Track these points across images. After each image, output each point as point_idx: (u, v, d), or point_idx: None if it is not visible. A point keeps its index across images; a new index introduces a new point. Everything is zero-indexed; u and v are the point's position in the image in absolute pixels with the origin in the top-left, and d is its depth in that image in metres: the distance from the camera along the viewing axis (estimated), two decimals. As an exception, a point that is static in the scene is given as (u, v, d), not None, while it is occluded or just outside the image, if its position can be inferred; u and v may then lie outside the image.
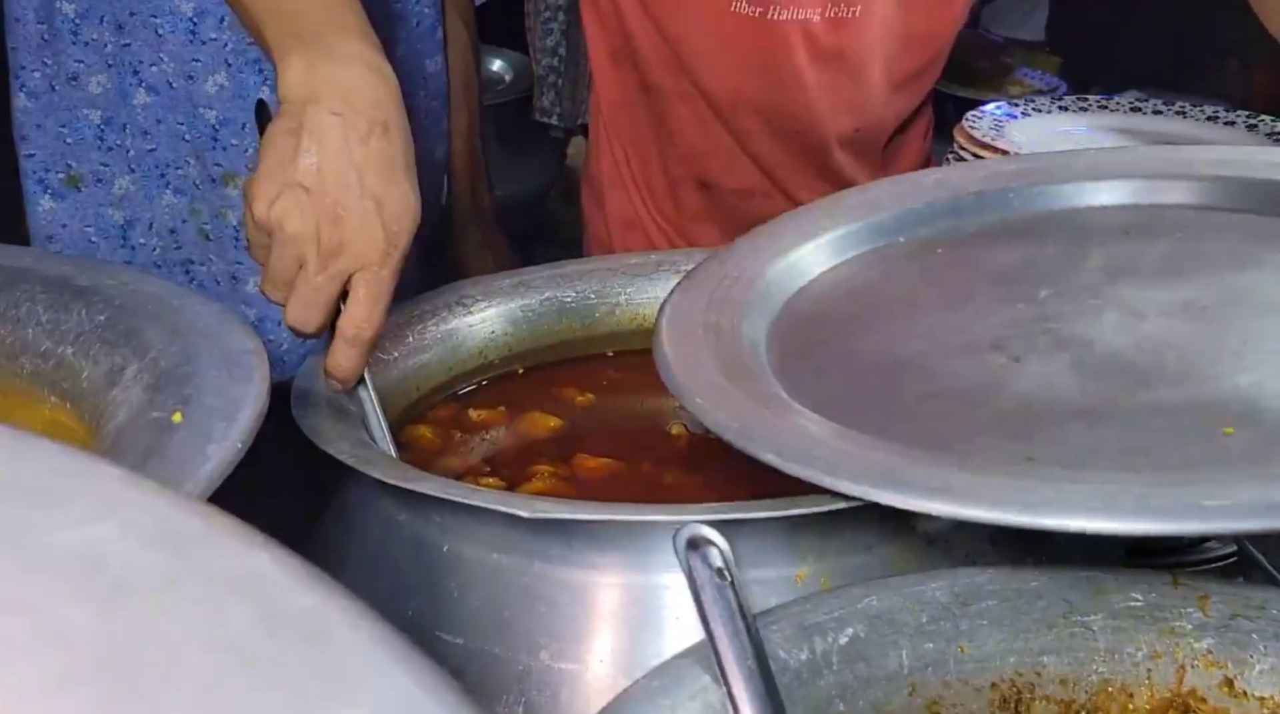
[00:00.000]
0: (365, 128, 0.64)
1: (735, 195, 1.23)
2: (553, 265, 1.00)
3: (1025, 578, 0.56)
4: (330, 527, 0.73)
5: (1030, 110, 1.14)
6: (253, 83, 0.97)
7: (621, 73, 1.20)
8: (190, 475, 0.45)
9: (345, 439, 0.66)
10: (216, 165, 0.99)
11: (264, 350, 0.59)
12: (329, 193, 0.63)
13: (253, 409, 0.51)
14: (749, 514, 0.55)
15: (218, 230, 1.01)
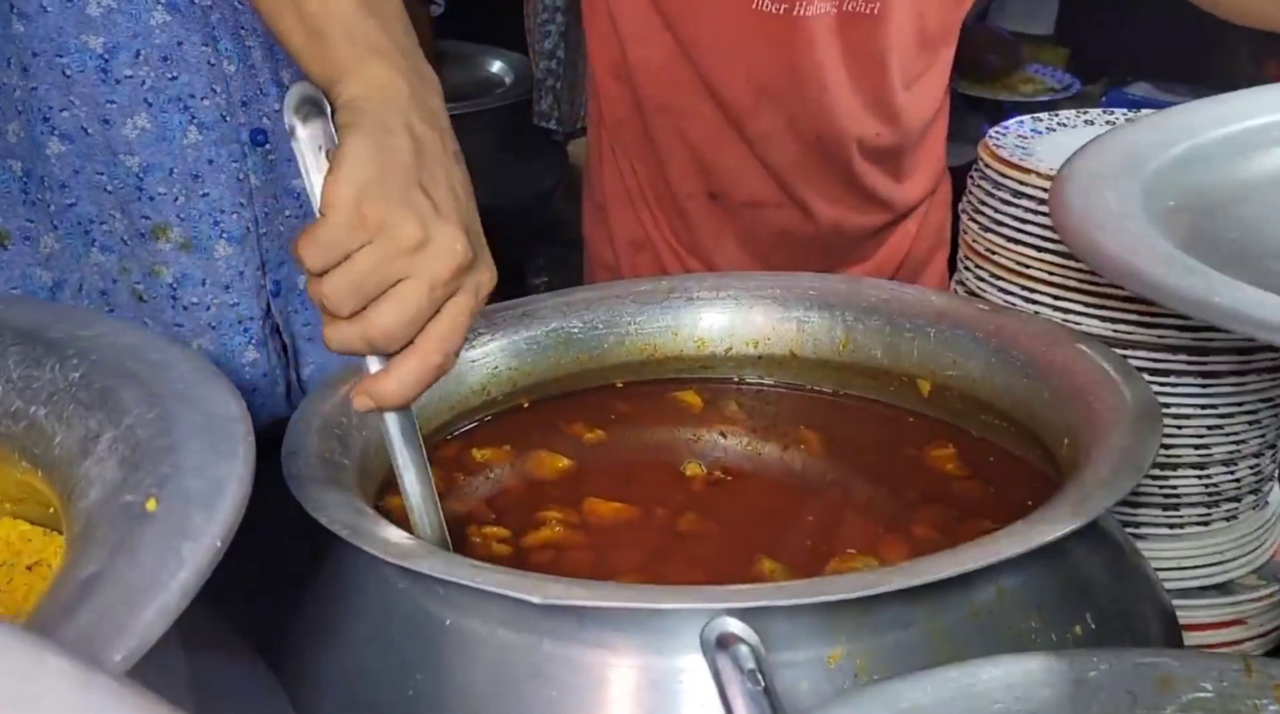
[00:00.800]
0: (450, 146, 0.62)
1: (747, 208, 1.18)
2: (558, 293, 0.95)
3: (1083, 666, 0.51)
4: (324, 589, 0.69)
5: (1055, 125, 1.09)
6: (178, 122, 0.87)
7: (624, 89, 1.15)
8: (162, 585, 0.40)
9: (340, 503, 0.62)
10: (144, 218, 0.89)
11: (248, 416, 0.54)
12: (462, 207, 0.60)
13: (235, 495, 0.46)
14: (782, 600, 0.50)
15: (152, 290, 0.91)
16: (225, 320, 0.92)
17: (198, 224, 0.89)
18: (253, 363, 0.94)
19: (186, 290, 0.91)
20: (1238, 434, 0.93)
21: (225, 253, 0.91)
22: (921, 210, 1.24)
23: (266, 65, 0.89)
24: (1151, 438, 0.64)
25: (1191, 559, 0.95)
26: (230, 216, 0.90)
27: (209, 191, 0.88)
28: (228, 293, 0.92)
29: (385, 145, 0.58)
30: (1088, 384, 0.73)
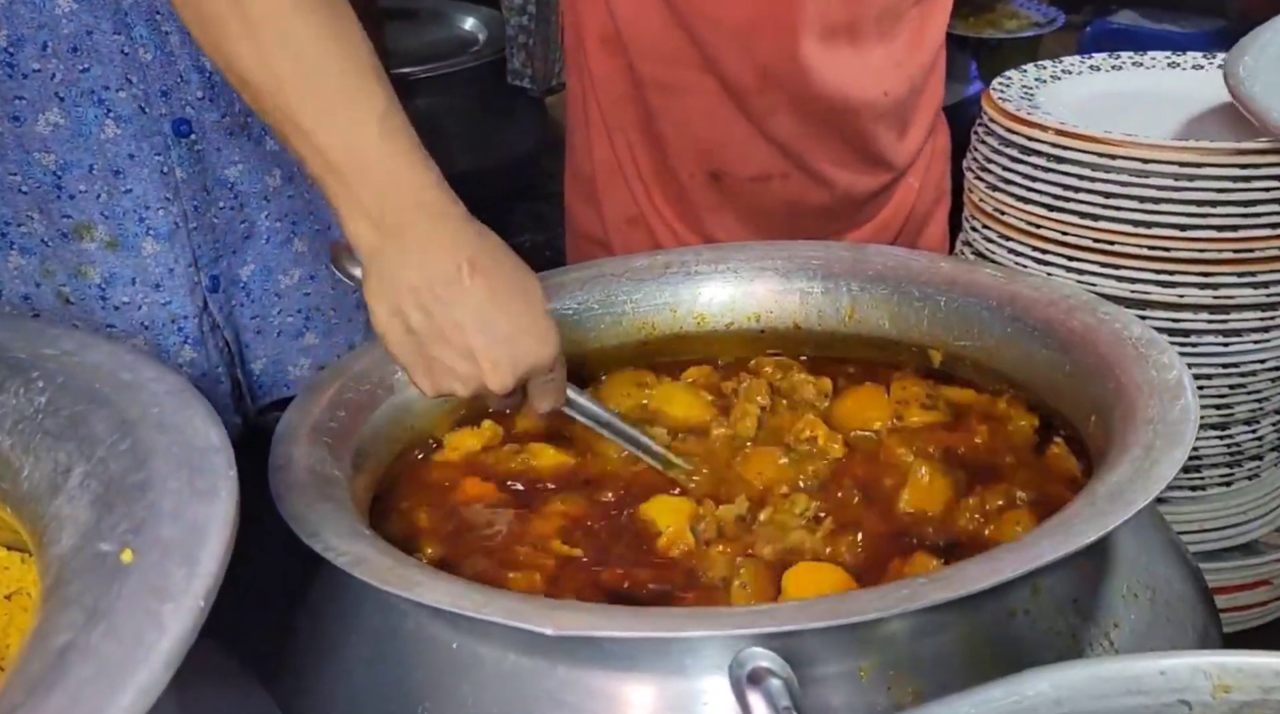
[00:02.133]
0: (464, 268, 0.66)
1: (751, 182, 1.13)
2: (549, 274, 0.90)
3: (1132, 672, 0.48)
4: (320, 607, 0.65)
5: (1060, 73, 1.04)
6: (93, 117, 0.81)
7: (615, 62, 1.09)
8: (141, 660, 0.36)
9: (336, 524, 0.58)
10: (65, 218, 0.83)
11: (229, 446, 0.50)
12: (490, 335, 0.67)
13: (217, 543, 0.42)
14: (812, 623, 0.47)
15: (78, 291, 0.85)
16: (158, 319, 0.87)
17: (123, 221, 0.84)
18: (190, 362, 0.89)
19: (116, 290, 0.86)
20: (1261, 391, 0.90)
21: (154, 250, 0.86)
22: (923, 164, 1.19)
23: (185, 51, 0.82)
24: (1189, 417, 0.60)
25: (1215, 521, 0.93)
26: (156, 212, 0.84)
27: (132, 187, 0.83)
28: (159, 291, 0.87)
29: (399, 320, 0.67)
30: (1113, 355, 0.70)
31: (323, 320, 0.96)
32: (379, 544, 0.56)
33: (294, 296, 0.94)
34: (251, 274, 0.92)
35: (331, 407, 0.71)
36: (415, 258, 0.65)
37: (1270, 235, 0.84)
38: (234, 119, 0.85)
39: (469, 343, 0.66)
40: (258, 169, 0.88)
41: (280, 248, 0.92)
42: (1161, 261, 0.85)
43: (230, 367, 0.93)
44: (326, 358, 0.96)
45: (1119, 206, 0.85)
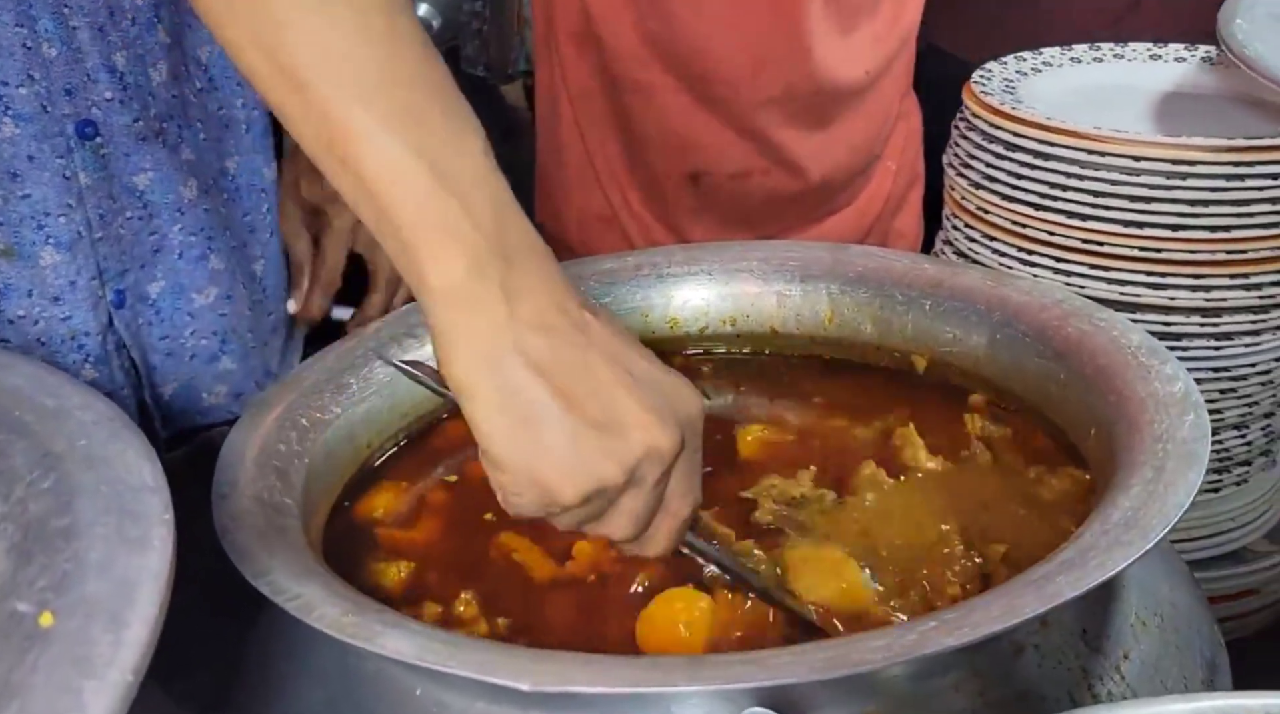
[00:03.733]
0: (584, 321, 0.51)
1: (731, 180, 1.09)
2: (514, 277, 0.85)
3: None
4: (271, 645, 0.60)
5: (1041, 65, 1.01)
6: None
7: (588, 59, 1.04)
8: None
9: (286, 562, 0.53)
10: None
11: (164, 484, 0.45)
12: (636, 389, 0.51)
13: (148, 605, 0.37)
14: (813, 675, 0.43)
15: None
16: (56, 336, 0.80)
17: (19, 228, 0.77)
18: (91, 383, 0.79)
19: (11, 302, 0.78)
20: (1251, 396, 0.87)
21: (53, 260, 0.78)
22: (898, 146, 1.16)
23: (95, 48, 0.75)
24: (1201, 435, 0.57)
25: (1203, 528, 0.90)
26: (57, 219, 0.77)
27: (30, 192, 0.76)
28: (58, 305, 0.79)
29: (508, 396, 0.49)
30: (1112, 365, 0.66)
31: (239, 344, 0.88)
32: (334, 584, 0.51)
33: (208, 317, 0.86)
34: (161, 291, 0.84)
35: (280, 427, 0.66)
36: (529, 292, 0.49)
37: (1264, 236, 0.81)
38: (147, 124, 0.78)
39: (617, 395, 0.49)
40: (171, 179, 0.80)
41: (194, 264, 0.84)
42: (1152, 263, 0.82)
43: (137, 390, 0.85)
44: (243, 386, 0.89)
45: (1109, 205, 0.82)
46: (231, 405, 0.89)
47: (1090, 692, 0.53)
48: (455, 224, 0.49)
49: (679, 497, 0.53)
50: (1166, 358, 0.65)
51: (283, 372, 0.93)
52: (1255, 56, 0.79)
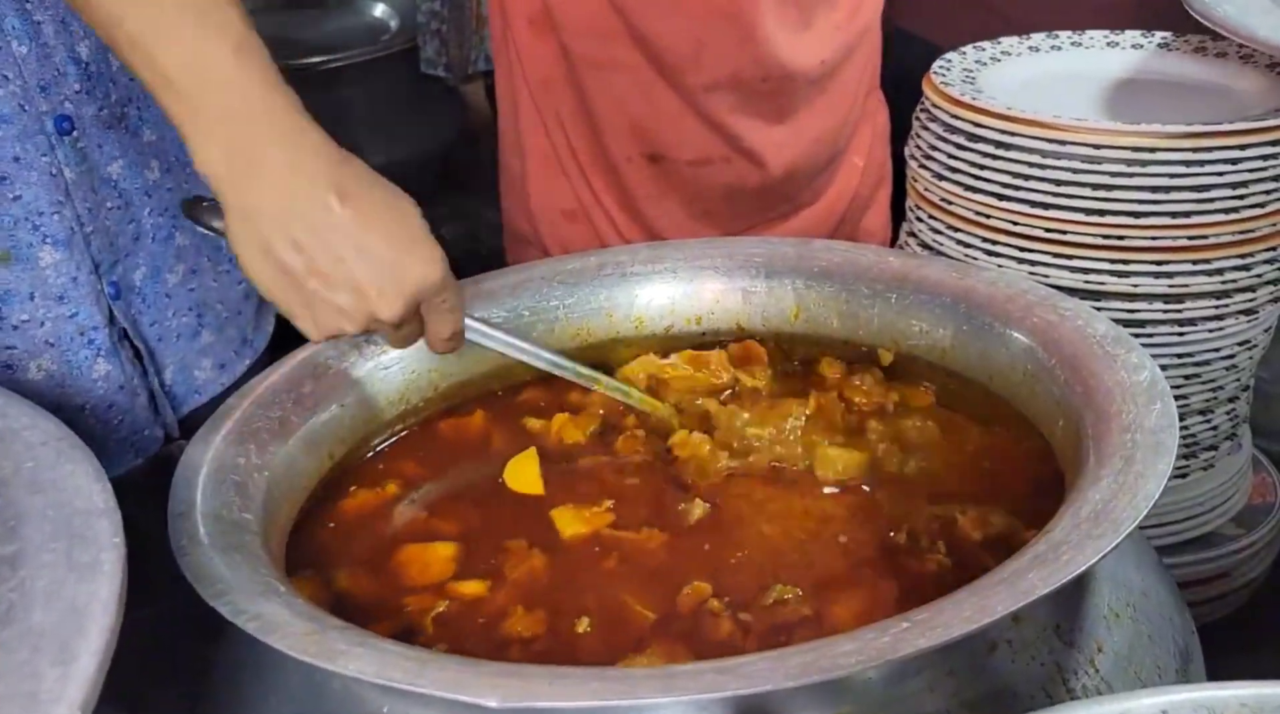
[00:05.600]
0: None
1: (690, 166, 1.08)
2: (475, 280, 0.84)
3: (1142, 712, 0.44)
4: (236, 666, 0.59)
5: (1000, 55, 1.01)
6: None
7: (546, 44, 1.03)
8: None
9: (246, 582, 0.51)
10: None
11: (115, 507, 0.43)
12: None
13: (98, 634, 0.36)
14: (787, 682, 0.42)
15: None
16: (64, 334, 0.80)
17: (14, 232, 0.76)
18: (105, 376, 0.82)
19: (13, 308, 0.78)
20: (1215, 381, 0.88)
21: (53, 259, 0.78)
22: (865, 143, 1.16)
23: (60, 42, 0.75)
24: (1169, 424, 0.57)
25: (1172, 514, 0.91)
26: (51, 218, 0.76)
27: (21, 193, 0.75)
28: (63, 303, 0.79)
29: (271, 263, 0.63)
30: (1078, 355, 0.66)
31: (213, 316, 0.90)
32: (295, 604, 0.50)
33: (181, 294, 0.87)
34: (143, 277, 0.85)
35: (239, 439, 0.65)
36: (278, 189, 0.61)
37: (1223, 221, 0.82)
38: (110, 111, 0.78)
39: (350, 274, 0.63)
40: (136, 163, 0.80)
41: (164, 245, 0.85)
42: (1115, 250, 0.82)
43: (145, 379, 0.85)
44: (225, 356, 0.90)
45: (1071, 194, 0.82)
46: (219, 378, 0.90)
47: (1065, 686, 0.53)
48: (206, 131, 0.61)
49: (436, 322, 0.68)
50: (1132, 346, 0.65)
51: (257, 339, 0.94)
52: (1224, 18, 0.79)
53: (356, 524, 0.70)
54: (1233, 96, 0.91)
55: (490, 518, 0.70)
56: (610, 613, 0.60)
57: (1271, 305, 0.88)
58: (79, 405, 0.82)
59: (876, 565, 0.61)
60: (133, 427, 0.84)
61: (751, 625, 0.57)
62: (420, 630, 0.61)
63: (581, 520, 0.69)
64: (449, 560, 0.66)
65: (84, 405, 0.82)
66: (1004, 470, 0.69)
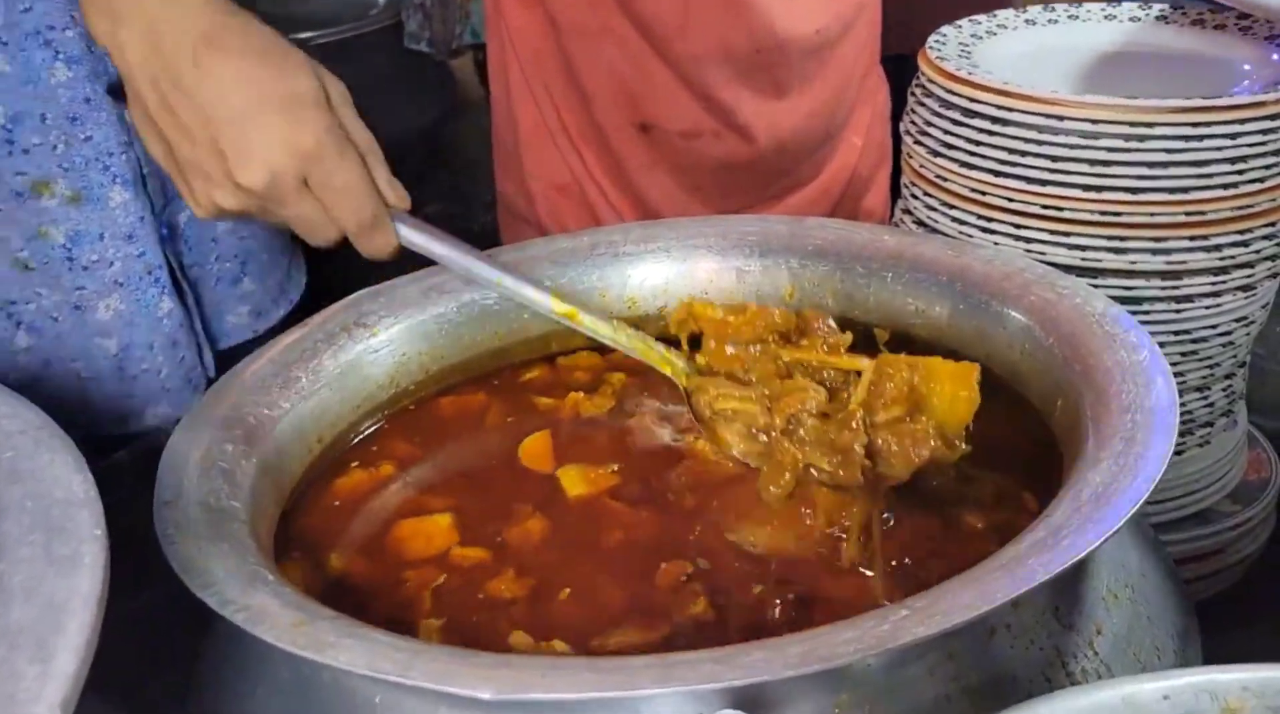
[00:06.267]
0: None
1: (682, 138, 1.07)
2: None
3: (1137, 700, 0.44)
4: (224, 657, 0.58)
5: (996, 28, 1.00)
6: (40, 60, 0.74)
7: (534, 13, 1.01)
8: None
9: (233, 572, 0.51)
10: (19, 174, 0.77)
11: (96, 497, 0.42)
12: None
13: (78, 632, 0.35)
14: (786, 672, 0.41)
15: (39, 255, 0.79)
16: (133, 273, 0.83)
17: (85, 172, 0.79)
18: (169, 314, 0.86)
19: (84, 248, 0.80)
20: (1212, 357, 0.87)
21: (121, 199, 0.81)
22: (864, 121, 1.14)
23: None
24: (1169, 404, 0.56)
25: (1168, 491, 0.90)
26: (119, 158, 0.79)
27: (91, 133, 0.77)
28: (131, 243, 0.82)
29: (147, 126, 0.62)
30: (1077, 334, 0.65)
31: (257, 265, 0.93)
32: (284, 593, 0.49)
33: (229, 242, 0.90)
34: (188, 220, 0.88)
35: (226, 425, 0.64)
36: (148, 44, 0.59)
37: (1222, 196, 0.80)
38: None
39: (213, 134, 0.59)
40: None
41: None
42: (1113, 227, 0.81)
43: (190, 318, 0.90)
44: (263, 304, 0.94)
45: (1068, 170, 0.81)
46: (254, 324, 0.94)
47: (1064, 669, 0.52)
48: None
49: (332, 204, 0.64)
50: (1131, 325, 0.64)
51: (291, 290, 0.97)
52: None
53: (351, 505, 0.69)
54: (1232, 70, 0.90)
55: (494, 492, 0.69)
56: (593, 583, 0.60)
57: (1269, 281, 0.87)
58: (148, 343, 0.86)
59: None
60: (191, 365, 0.89)
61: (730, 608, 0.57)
62: (419, 605, 0.60)
63: (587, 481, 0.68)
64: (449, 530, 0.66)
65: (151, 343, 0.86)
66: (1003, 447, 0.69)
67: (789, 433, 0.66)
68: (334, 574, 0.64)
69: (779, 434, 0.66)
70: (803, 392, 0.67)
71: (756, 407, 0.69)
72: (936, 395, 0.65)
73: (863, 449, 0.64)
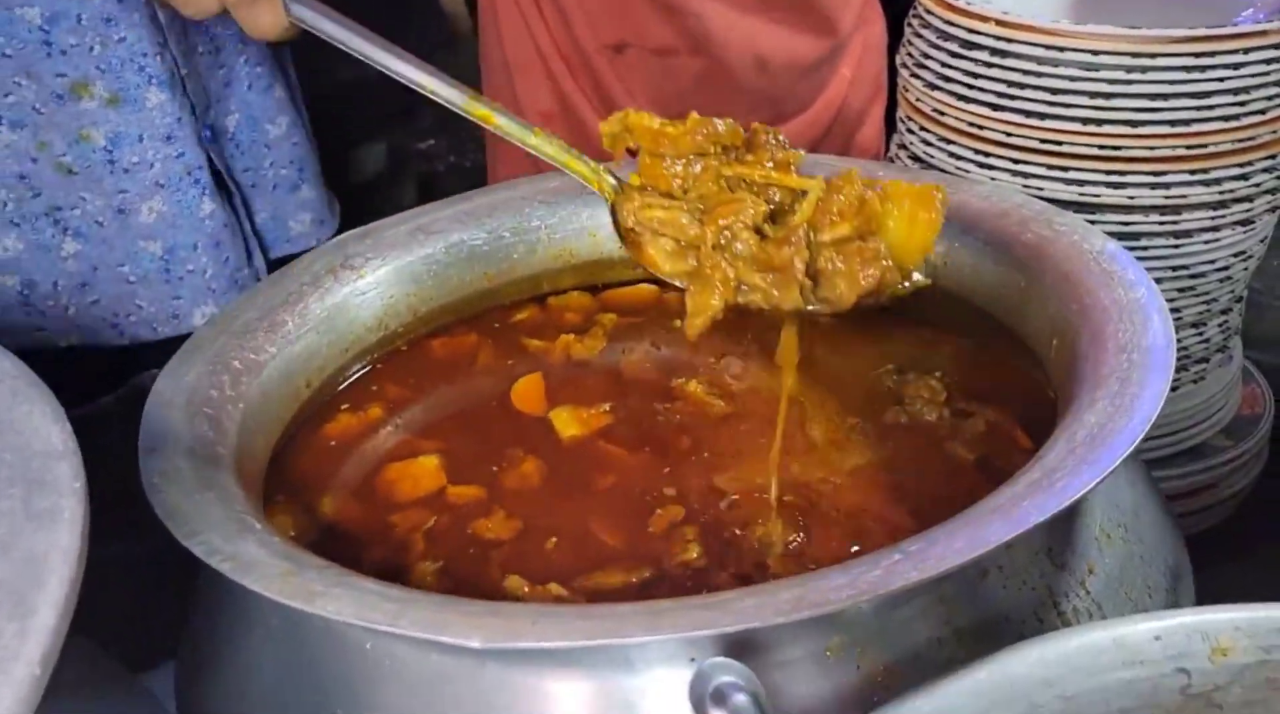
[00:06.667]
0: None
1: (656, 56, 1.05)
2: (453, 201, 0.82)
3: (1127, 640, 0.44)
4: (214, 603, 0.58)
5: (996, -45, 0.97)
6: None
7: None
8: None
9: (219, 519, 0.50)
10: (59, 76, 0.79)
11: (75, 449, 0.41)
12: None
13: (58, 586, 0.34)
14: (778, 618, 0.41)
15: (81, 158, 0.81)
16: (173, 174, 0.85)
17: (121, 73, 0.81)
18: (211, 215, 0.87)
19: (124, 150, 0.82)
20: (1209, 293, 0.86)
21: (158, 99, 0.82)
22: (856, 53, 1.12)
23: None
24: (1165, 343, 0.55)
25: (1162, 427, 0.90)
26: (154, 59, 0.81)
27: (125, 34, 0.79)
28: (170, 143, 0.84)
29: None
30: (1074, 272, 0.64)
31: (314, 173, 0.96)
32: (272, 542, 0.48)
33: (285, 147, 0.93)
34: (238, 124, 0.90)
35: (212, 371, 0.63)
36: None
37: (1223, 128, 0.79)
38: None
39: None
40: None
41: (263, 95, 0.90)
42: (1112, 161, 0.80)
43: (238, 220, 0.92)
44: (323, 213, 0.98)
45: (1067, 103, 0.79)
46: (317, 233, 0.97)
47: (1056, 609, 0.52)
48: None
49: None
50: (1129, 262, 0.63)
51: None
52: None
53: (342, 449, 0.69)
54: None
55: (486, 435, 0.69)
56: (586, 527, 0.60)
57: (1268, 215, 0.86)
58: (191, 244, 0.88)
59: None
60: (236, 265, 0.92)
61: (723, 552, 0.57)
62: (413, 548, 0.60)
63: (579, 422, 0.68)
64: (436, 472, 0.66)
65: (195, 243, 0.88)
66: (998, 386, 0.68)
67: (722, 248, 0.60)
68: (326, 519, 0.64)
69: (710, 247, 0.60)
70: (739, 202, 0.60)
71: (686, 216, 0.62)
72: (894, 217, 0.59)
73: (803, 266, 0.58)
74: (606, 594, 0.55)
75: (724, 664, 0.39)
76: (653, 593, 0.55)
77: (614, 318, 0.79)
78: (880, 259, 0.58)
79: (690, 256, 0.61)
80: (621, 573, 0.56)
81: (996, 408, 0.66)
